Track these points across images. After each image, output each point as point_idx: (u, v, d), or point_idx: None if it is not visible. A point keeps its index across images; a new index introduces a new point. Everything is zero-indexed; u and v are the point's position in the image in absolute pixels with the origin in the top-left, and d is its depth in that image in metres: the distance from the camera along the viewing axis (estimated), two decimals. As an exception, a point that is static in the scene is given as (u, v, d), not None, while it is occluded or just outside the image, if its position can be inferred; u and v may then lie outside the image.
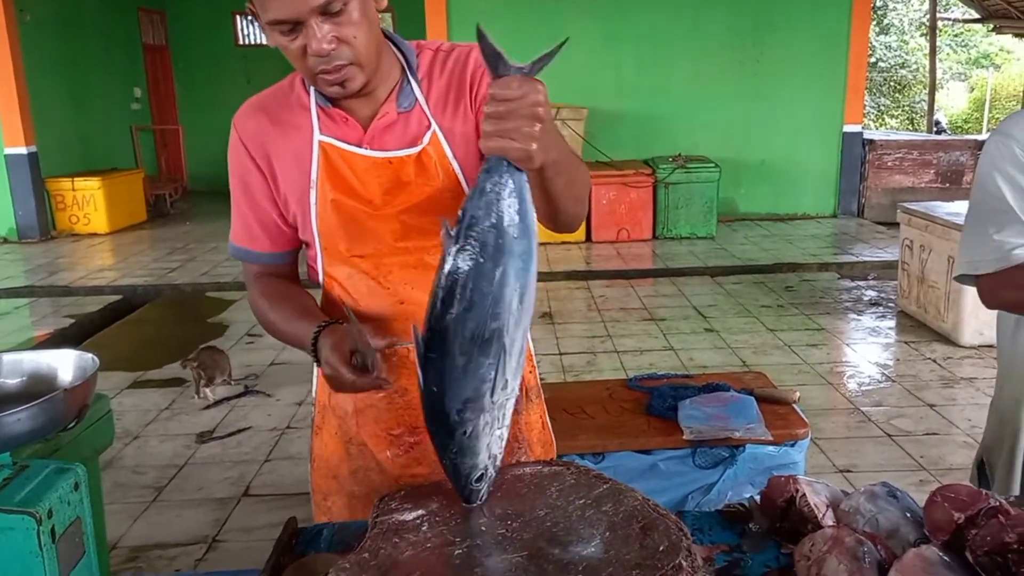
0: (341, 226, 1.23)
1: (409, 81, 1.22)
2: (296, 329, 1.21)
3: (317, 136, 1.21)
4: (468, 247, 0.93)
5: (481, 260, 0.93)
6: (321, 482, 1.39)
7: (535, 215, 0.98)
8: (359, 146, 1.21)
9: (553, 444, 1.46)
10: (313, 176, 1.22)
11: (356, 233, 1.22)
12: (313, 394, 1.41)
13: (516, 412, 1.36)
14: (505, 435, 1.05)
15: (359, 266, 1.25)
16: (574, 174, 1.10)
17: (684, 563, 0.90)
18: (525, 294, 0.97)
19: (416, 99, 1.21)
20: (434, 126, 1.20)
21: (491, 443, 1.02)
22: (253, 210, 1.29)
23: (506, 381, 1.00)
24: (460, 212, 0.95)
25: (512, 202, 0.95)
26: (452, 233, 0.94)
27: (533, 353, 1.43)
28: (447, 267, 0.94)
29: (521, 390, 1.38)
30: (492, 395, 0.99)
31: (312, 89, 1.22)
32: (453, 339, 0.95)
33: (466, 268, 0.93)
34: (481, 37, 0.94)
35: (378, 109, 1.21)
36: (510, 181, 0.95)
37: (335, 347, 1.10)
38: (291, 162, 1.24)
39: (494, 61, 0.94)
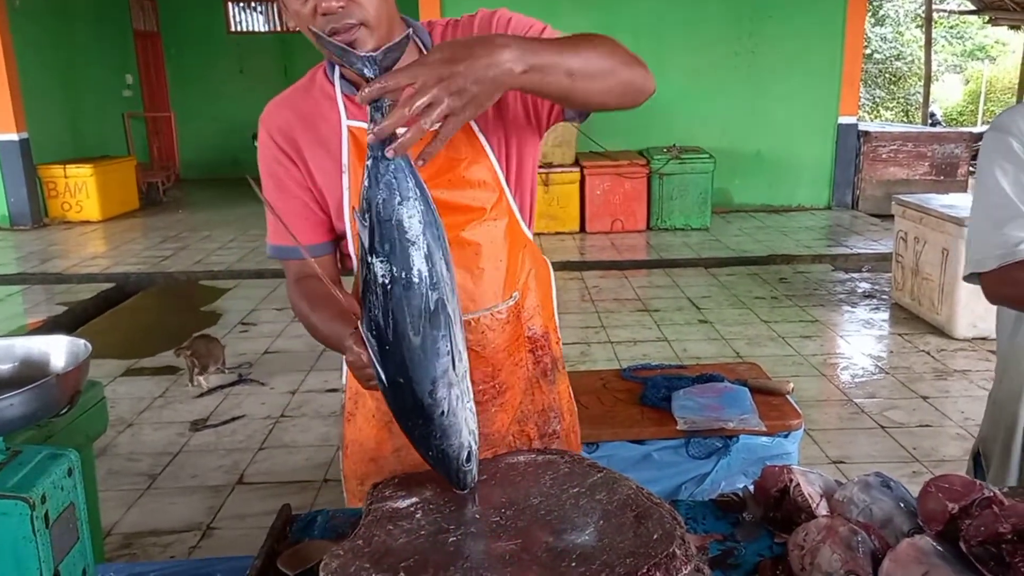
0: None
1: None
2: (333, 330, 1.18)
3: (345, 122, 1.22)
4: (385, 231, 0.95)
5: (403, 239, 0.95)
6: (357, 467, 1.39)
7: (425, 185, 0.99)
8: None
9: (576, 411, 1.51)
10: (344, 161, 1.22)
11: None
12: (343, 381, 1.42)
13: (550, 383, 1.40)
14: (473, 407, 1.05)
15: None
16: (574, 61, 1.02)
17: (678, 551, 0.90)
18: (449, 261, 0.99)
19: None
20: None
21: (467, 418, 1.03)
22: (287, 202, 1.27)
23: (459, 352, 1.01)
24: (364, 203, 0.96)
25: (407, 176, 0.96)
26: (365, 223, 0.95)
27: (559, 326, 1.46)
28: (374, 257, 0.95)
29: (551, 361, 1.41)
30: (454, 367, 1.00)
31: (336, 78, 1.24)
32: (403, 321, 0.96)
33: (392, 250, 0.95)
34: (319, 39, 0.95)
35: None
36: (395, 158, 0.96)
37: (356, 333, 1.08)
38: (321, 151, 1.25)
39: (345, 57, 0.96)
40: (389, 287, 0.95)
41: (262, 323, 5.27)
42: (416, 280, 0.95)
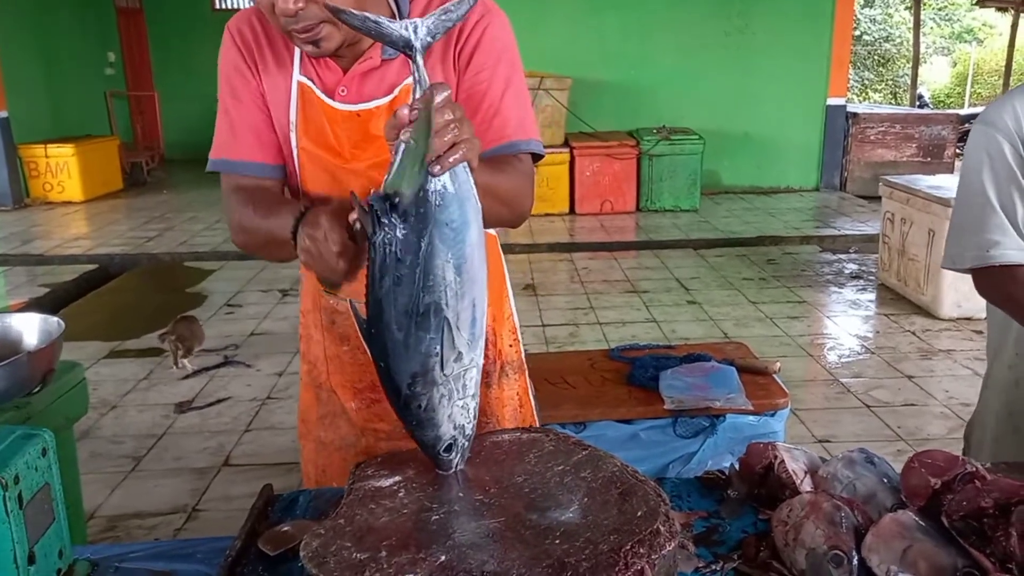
0: (315, 176, 1.21)
1: None
2: (277, 214, 1.11)
3: (296, 76, 1.19)
4: (390, 219, 0.90)
5: (403, 231, 0.90)
6: (300, 426, 1.44)
7: (472, 184, 0.94)
8: (332, 96, 1.18)
9: (535, 423, 1.43)
10: (292, 118, 1.20)
11: (327, 185, 1.19)
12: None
13: (486, 386, 1.33)
14: (472, 404, 1.01)
15: None
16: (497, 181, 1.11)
17: (662, 528, 0.90)
18: (463, 265, 0.93)
19: None
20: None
21: (453, 414, 0.99)
22: (239, 112, 1.21)
23: (459, 353, 0.96)
24: (384, 188, 0.92)
25: (430, 176, 0.90)
26: (365, 207, 0.90)
27: (518, 326, 1.41)
28: (373, 240, 0.91)
29: (496, 364, 1.35)
30: (443, 368, 0.96)
31: None
32: (388, 314, 0.93)
33: (389, 240, 0.90)
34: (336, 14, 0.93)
35: (361, 55, 1.18)
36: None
37: (338, 208, 1.02)
38: (274, 91, 1.21)
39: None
40: (381, 280, 0.91)
41: (248, 305, 5.23)
42: (407, 280, 0.91)
